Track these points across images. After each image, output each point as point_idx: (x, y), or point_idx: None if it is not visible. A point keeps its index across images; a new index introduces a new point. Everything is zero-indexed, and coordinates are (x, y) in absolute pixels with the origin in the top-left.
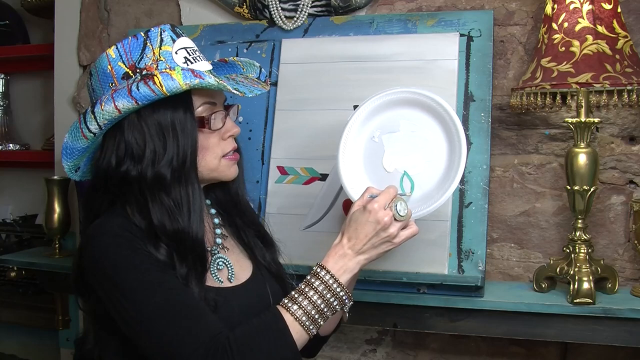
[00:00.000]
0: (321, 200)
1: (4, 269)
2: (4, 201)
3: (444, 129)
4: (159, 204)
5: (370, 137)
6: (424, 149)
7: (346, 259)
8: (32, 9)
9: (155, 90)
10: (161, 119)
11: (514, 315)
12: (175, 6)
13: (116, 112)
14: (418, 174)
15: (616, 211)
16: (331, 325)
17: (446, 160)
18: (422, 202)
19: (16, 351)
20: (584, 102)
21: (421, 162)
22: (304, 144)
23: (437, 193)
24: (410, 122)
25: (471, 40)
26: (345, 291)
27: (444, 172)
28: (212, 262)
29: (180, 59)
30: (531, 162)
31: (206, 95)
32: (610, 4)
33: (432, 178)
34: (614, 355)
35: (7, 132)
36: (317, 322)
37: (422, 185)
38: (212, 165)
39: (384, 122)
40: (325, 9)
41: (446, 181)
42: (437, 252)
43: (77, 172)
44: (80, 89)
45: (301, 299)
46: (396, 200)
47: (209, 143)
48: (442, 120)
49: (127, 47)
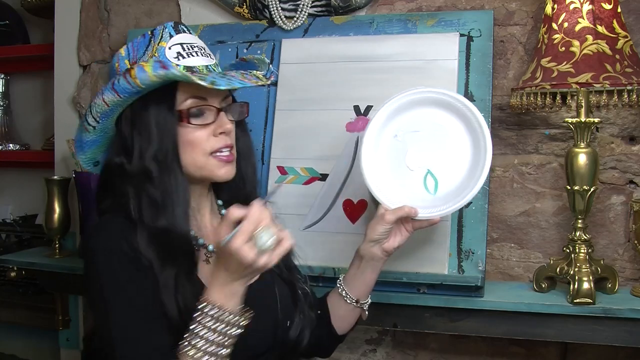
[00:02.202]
0: (321, 200)
1: (4, 269)
2: (4, 201)
3: (467, 127)
4: (146, 199)
5: (393, 136)
6: (447, 147)
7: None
8: (32, 9)
9: (130, 83)
10: (146, 112)
11: (514, 315)
12: (175, 6)
13: (104, 105)
14: (442, 172)
15: (616, 211)
16: (349, 324)
17: (470, 158)
18: (446, 200)
19: (16, 351)
20: (584, 102)
21: (445, 161)
22: (304, 144)
23: (462, 191)
24: (432, 120)
25: (471, 40)
26: (236, 315)
27: (469, 170)
28: None
29: (172, 53)
30: (531, 162)
31: (194, 90)
32: (610, 4)
33: (457, 176)
34: (614, 355)
35: (7, 132)
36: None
37: (446, 183)
38: (199, 162)
39: (406, 121)
40: (325, 9)
41: (472, 179)
42: (437, 252)
43: (96, 167)
44: (80, 89)
45: (195, 340)
46: (259, 232)
47: (193, 138)
48: (465, 118)
49: (135, 45)
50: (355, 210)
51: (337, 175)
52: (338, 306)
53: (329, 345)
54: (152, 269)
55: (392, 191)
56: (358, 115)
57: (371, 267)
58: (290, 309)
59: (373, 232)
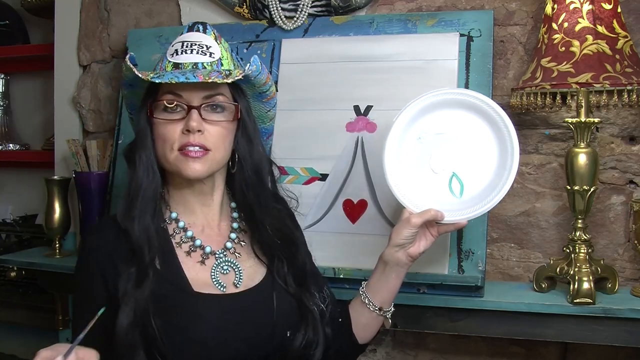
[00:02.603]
0: (321, 200)
1: (4, 269)
2: (4, 201)
3: (493, 128)
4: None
5: (417, 138)
6: (473, 149)
7: None
8: (32, 9)
9: (123, 75)
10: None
11: (514, 315)
12: (175, 6)
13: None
14: (467, 175)
15: (616, 211)
16: (371, 333)
17: (497, 160)
18: (473, 203)
19: (16, 351)
20: (584, 102)
21: (470, 163)
22: (304, 144)
23: (489, 194)
24: (456, 122)
25: (471, 40)
26: None
27: (495, 173)
28: (214, 265)
29: (171, 50)
30: (531, 162)
31: (171, 86)
32: (610, 4)
33: (483, 179)
34: (614, 355)
35: (7, 132)
36: None
37: (473, 186)
38: (168, 157)
39: (430, 122)
40: (325, 9)
41: (499, 181)
42: (437, 252)
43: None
44: (80, 89)
45: None
46: None
47: (163, 132)
48: (491, 120)
49: None
50: (355, 210)
51: (337, 175)
52: (361, 314)
53: (350, 355)
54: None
55: (416, 195)
56: (358, 115)
57: (396, 273)
58: (293, 320)
59: (398, 237)
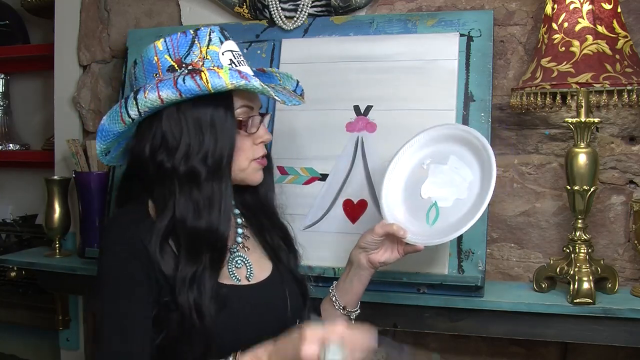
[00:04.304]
0: (321, 200)
1: (4, 269)
2: (4, 201)
3: (483, 177)
4: (186, 198)
5: (420, 163)
6: (460, 187)
7: None
8: (32, 9)
9: (200, 86)
10: (201, 114)
11: (514, 315)
12: (175, 6)
13: (159, 101)
14: (446, 208)
15: (616, 211)
16: None
17: (471, 205)
18: (437, 234)
19: (16, 351)
20: (584, 102)
21: (453, 199)
22: (304, 144)
23: (452, 232)
24: (458, 159)
25: (471, 40)
26: None
27: (464, 216)
28: (230, 259)
29: (226, 60)
30: (531, 162)
31: (246, 99)
32: (610, 4)
33: (454, 216)
34: (614, 355)
35: (7, 132)
36: None
37: (446, 219)
38: (243, 166)
39: (437, 152)
40: (325, 9)
41: (464, 224)
42: (437, 252)
43: (107, 156)
44: (80, 89)
45: None
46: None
47: (242, 145)
48: (484, 169)
49: (175, 41)
50: (355, 210)
51: (337, 175)
52: (329, 313)
53: None
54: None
55: (397, 209)
56: (358, 115)
57: (358, 277)
58: (301, 307)
59: (362, 239)
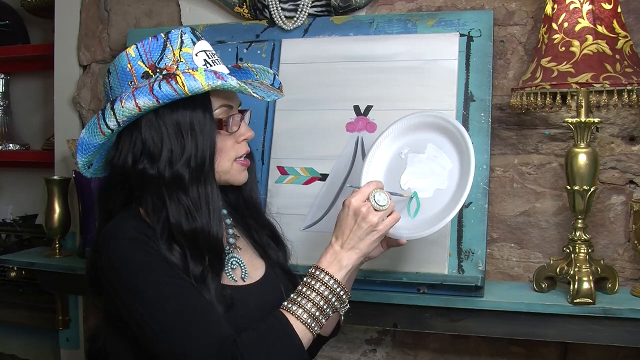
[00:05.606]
0: (321, 200)
1: (4, 269)
2: (4, 201)
3: (462, 165)
4: (176, 203)
5: (398, 153)
6: (440, 177)
7: (338, 256)
8: (32, 9)
9: (177, 90)
10: (180, 118)
11: (514, 315)
12: (175, 6)
13: (136, 109)
14: (427, 199)
15: (616, 211)
16: (329, 327)
17: (452, 195)
18: (419, 226)
19: (16, 351)
20: (584, 102)
21: (433, 189)
22: (304, 144)
23: (435, 223)
24: (437, 148)
25: (471, 40)
26: (342, 288)
27: (447, 205)
28: (225, 262)
29: (200, 61)
30: (531, 162)
31: (224, 98)
32: (610, 4)
33: (436, 207)
34: (614, 355)
35: (7, 132)
36: (319, 321)
37: (426, 210)
38: (225, 167)
39: (414, 141)
40: (325, 9)
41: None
42: (437, 252)
43: (90, 169)
44: (80, 89)
45: (302, 300)
46: (375, 192)
47: (224, 145)
48: (463, 157)
49: (146, 47)
50: None
51: (337, 175)
52: None
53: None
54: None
55: None
56: (358, 115)
57: None
58: None
59: None
